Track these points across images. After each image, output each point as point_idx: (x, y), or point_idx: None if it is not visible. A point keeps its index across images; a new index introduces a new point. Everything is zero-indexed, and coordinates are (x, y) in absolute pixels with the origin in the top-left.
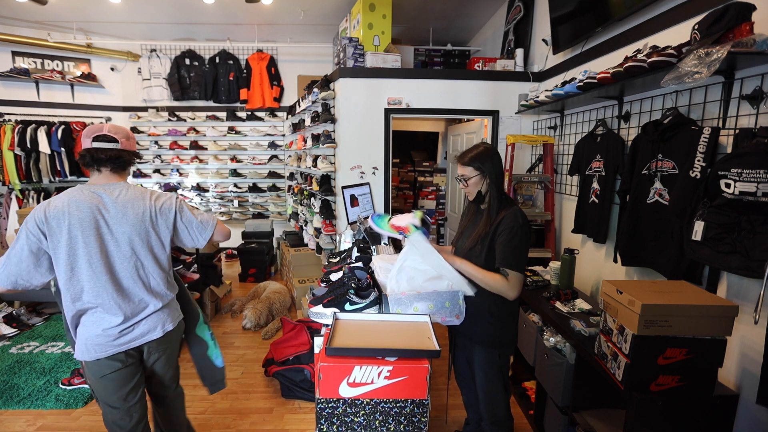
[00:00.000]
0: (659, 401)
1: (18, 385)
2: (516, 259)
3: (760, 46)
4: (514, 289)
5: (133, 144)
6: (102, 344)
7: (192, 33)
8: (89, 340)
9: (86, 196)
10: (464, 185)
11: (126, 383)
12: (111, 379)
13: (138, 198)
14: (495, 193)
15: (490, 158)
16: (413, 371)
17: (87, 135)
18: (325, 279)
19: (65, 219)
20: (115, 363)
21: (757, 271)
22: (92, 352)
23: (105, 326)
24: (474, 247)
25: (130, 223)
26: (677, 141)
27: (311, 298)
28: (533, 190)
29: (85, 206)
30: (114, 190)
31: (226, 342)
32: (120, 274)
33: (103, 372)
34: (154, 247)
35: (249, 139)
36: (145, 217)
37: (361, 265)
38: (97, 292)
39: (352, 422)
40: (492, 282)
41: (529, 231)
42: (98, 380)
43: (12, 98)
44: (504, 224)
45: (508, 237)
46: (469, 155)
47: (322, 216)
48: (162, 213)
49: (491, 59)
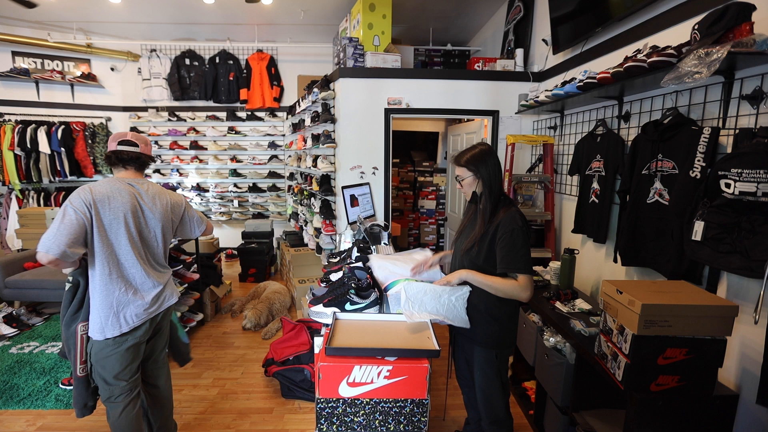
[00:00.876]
0: (659, 401)
1: (18, 385)
2: (522, 262)
3: (760, 46)
4: (526, 290)
5: (149, 149)
6: (138, 314)
7: (192, 33)
8: (127, 311)
9: (125, 186)
10: (459, 185)
11: (139, 354)
12: (131, 350)
13: (161, 192)
14: (488, 194)
15: (485, 160)
16: (413, 371)
17: (113, 140)
18: (325, 279)
19: (110, 202)
20: (139, 333)
21: (757, 271)
22: (129, 322)
23: (141, 296)
24: (471, 248)
25: (159, 211)
26: (677, 141)
27: (311, 298)
28: (533, 190)
29: (126, 193)
30: (143, 183)
31: (226, 342)
32: (151, 251)
33: (128, 343)
34: (167, 233)
35: (249, 139)
36: (168, 207)
37: (361, 265)
38: (135, 266)
39: (351, 422)
40: (504, 287)
41: (529, 231)
42: (119, 354)
43: (12, 98)
44: (503, 227)
45: (510, 241)
46: (464, 156)
47: (322, 216)
48: (176, 206)
49: (491, 59)
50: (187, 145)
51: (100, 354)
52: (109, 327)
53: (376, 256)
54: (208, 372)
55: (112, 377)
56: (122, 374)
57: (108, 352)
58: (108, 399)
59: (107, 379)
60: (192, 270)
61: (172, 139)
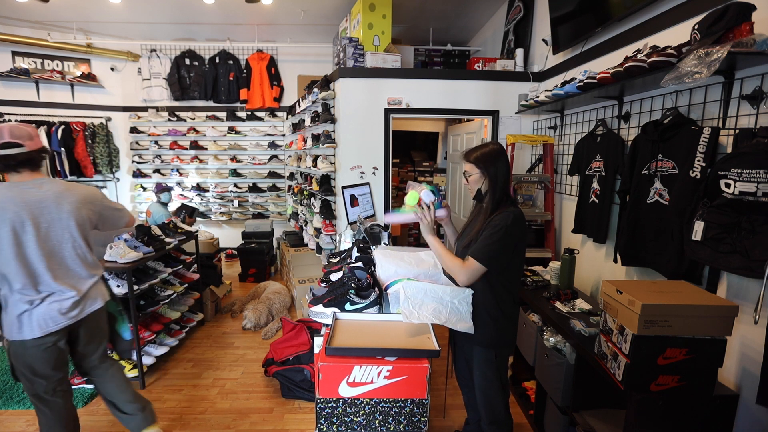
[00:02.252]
0: (659, 401)
1: (18, 385)
2: (484, 251)
3: (760, 46)
4: (465, 274)
5: (38, 142)
6: (54, 317)
7: (192, 33)
8: (45, 315)
9: (17, 192)
10: (466, 181)
11: (62, 355)
12: (52, 351)
13: (68, 188)
14: (492, 194)
15: (494, 159)
16: (413, 371)
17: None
18: (325, 279)
19: (5, 215)
20: (58, 335)
21: (757, 271)
22: (46, 326)
23: (59, 302)
24: (470, 245)
25: (67, 210)
26: (677, 141)
27: (311, 298)
28: (533, 190)
29: (19, 201)
30: (42, 184)
31: (226, 342)
32: (60, 256)
33: (47, 345)
34: (85, 230)
35: (249, 139)
36: (79, 204)
37: (361, 265)
38: (51, 273)
39: (351, 422)
40: (448, 261)
41: (517, 234)
42: (39, 353)
43: (12, 98)
44: (493, 221)
45: (490, 233)
46: (474, 153)
47: (322, 216)
48: (91, 199)
49: (491, 59)
50: (187, 145)
51: (21, 351)
52: (29, 328)
53: (382, 249)
54: (208, 372)
55: (35, 375)
56: (47, 371)
57: (29, 350)
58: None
59: (28, 377)
60: (192, 270)
61: (172, 139)
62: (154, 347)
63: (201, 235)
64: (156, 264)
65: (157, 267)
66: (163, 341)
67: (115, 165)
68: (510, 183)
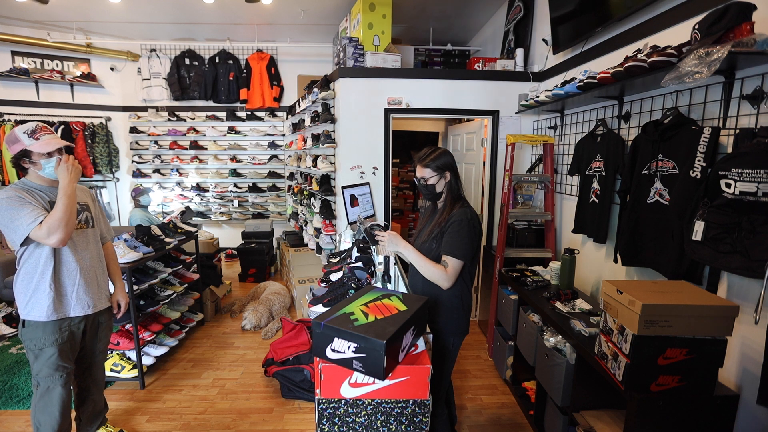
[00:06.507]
0: (659, 401)
1: (18, 385)
2: (459, 248)
3: (761, 45)
4: (449, 280)
5: (13, 149)
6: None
7: (192, 33)
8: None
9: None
10: (419, 187)
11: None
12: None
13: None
14: (449, 192)
15: (447, 162)
16: (414, 372)
17: None
18: (325, 279)
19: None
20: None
21: (757, 271)
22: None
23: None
24: (427, 243)
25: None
26: (677, 141)
27: (311, 298)
28: (533, 190)
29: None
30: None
31: (226, 342)
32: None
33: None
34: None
35: (249, 139)
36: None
37: (361, 265)
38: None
39: (353, 422)
40: (429, 269)
41: (477, 226)
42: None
43: (12, 98)
44: (453, 220)
45: (456, 229)
46: (429, 158)
47: (322, 216)
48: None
49: (491, 59)
50: (187, 145)
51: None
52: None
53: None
54: (208, 372)
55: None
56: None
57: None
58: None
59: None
60: (192, 270)
61: (172, 139)
62: (154, 347)
63: (201, 235)
64: (156, 264)
65: (156, 267)
66: (163, 341)
67: (115, 165)
68: (510, 182)
